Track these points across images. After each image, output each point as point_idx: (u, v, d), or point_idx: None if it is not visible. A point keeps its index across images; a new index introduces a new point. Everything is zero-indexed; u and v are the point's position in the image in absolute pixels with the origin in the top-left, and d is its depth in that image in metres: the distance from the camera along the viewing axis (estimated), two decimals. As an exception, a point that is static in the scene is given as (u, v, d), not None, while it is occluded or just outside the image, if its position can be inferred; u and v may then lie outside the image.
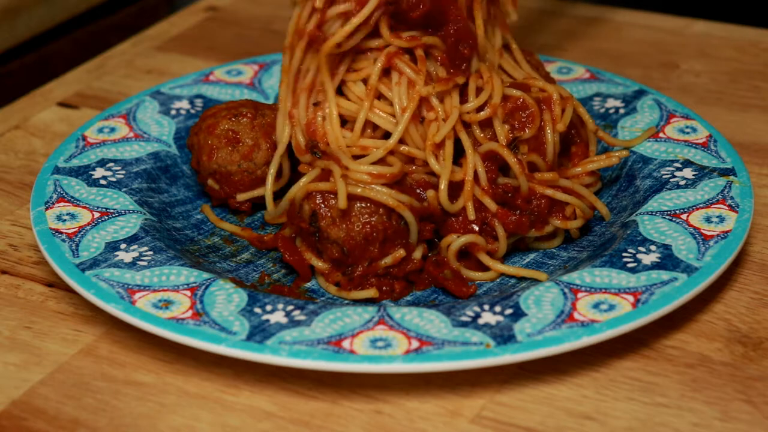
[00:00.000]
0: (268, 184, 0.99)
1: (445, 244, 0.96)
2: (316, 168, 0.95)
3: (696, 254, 0.90)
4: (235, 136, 1.02)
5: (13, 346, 0.90)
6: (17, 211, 1.07)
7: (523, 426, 0.81)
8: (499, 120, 0.98)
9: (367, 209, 0.93)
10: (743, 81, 1.28)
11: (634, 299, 0.86)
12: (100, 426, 0.82)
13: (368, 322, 0.85)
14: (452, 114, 0.96)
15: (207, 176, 1.04)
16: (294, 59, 0.98)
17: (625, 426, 0.81)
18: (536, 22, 1.44)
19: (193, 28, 1.45)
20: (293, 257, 0.95)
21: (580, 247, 0.99)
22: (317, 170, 0.94)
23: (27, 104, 1.26)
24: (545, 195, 0.97)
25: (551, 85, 1.00)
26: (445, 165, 0.95)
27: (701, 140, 1.06)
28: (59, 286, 0.96)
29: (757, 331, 0.89)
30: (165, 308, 0.86)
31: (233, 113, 1.03)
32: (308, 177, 0.94)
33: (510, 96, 0.99)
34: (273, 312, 0.86)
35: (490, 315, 0.86)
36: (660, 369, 0.86)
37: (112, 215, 0.98)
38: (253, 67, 1.23)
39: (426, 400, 0.83)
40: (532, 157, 0.98)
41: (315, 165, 0.95)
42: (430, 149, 0.95)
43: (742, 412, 0.82)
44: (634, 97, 1.14)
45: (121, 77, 1.32)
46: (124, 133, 1.10)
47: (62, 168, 1.04)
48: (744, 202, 0.96)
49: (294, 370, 0.85)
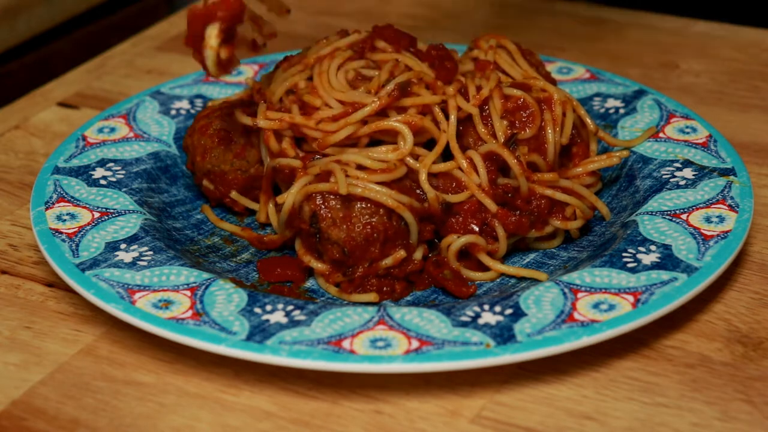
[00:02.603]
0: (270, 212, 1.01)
1: (446, 245, 0.96)
2: (309, 174, 0.94)
3: (696, 254, 0.90)
4: (227, 135, 1.03)
5: (13, 346, 0.90)
6: (17, 211, 1.07)
7: (523, 426, 0.81)
8: (497, 115, 0.98)
9: (367, 210, 0.93)
10: (743, 81, 1.28)
11: (634, 299, 0.86)
12: (100, 426, 0.82)
13: (368, 322, 0.85)
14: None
15: (202, 177, 1.04)
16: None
17: (625, 426, 0.81)
18: (536, 22, 1.44)
19: (193, 28, 1.45)
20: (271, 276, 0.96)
21: (580, 247, 0.99)
22: (309, 176, 0.94)
23: (27, 104, 1.26)
24: (545, 195, 0.97)
25: (552, 86, 1.01)
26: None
27: (701, 140, 1.06)
28: (59, 286, 0.96)
29: (757, 331, 0.89)
30: (165, 308, 0.86)
31: (225, 113, 1.04)
32: (300, 182, 0.94)
33: (510, 95, 0.99)
34: (273, 312, 0.86)
35: (490, 315, 0.86)
36: (660, 369, 0.86)
37: (112, 215, 0.98)
38: (253, 67, 1.23)
39: (426, 400, 0.83)
40: (533, 157, 0.98)
41: (308, 171, 0.95)
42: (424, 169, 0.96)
43: (742, 412, 0.82)
44: (634, 97, 1.14)
45: (121, 77, 1.32)
46: (124, 133, 1.10)
47: (62, 168, 1.04)
48: (744, 202, 0.96)
49: (294, 370, 0.85)
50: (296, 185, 0.94)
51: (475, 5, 1.49)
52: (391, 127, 0.96)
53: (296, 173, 0.96)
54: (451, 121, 0.97)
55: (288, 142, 0.99)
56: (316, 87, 0.99)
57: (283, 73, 1.03)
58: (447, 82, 1.00)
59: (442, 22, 1.45)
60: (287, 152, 0.99)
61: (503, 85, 1.00)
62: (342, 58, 1.01)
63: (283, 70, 1.04)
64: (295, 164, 0.97)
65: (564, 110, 1.00)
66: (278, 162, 0.98)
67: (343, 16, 1.48)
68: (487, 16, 1.46)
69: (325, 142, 0.97)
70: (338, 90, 0.98)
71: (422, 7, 1.49)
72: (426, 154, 0.97)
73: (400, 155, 0.95)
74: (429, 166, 0.96)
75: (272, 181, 1.01)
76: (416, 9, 1.49)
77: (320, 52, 1.03)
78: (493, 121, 0.98)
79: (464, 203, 0.96)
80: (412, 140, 0.96)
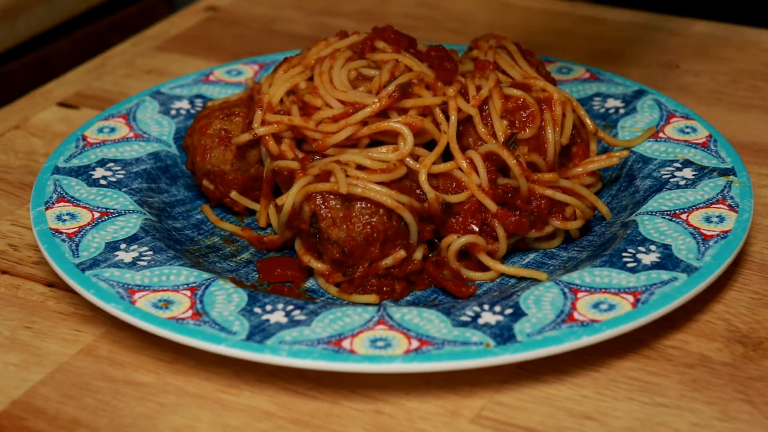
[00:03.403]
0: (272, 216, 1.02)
1: (446, 245, 0.96)
2: (308, 175, 0.94)
3: (696, 254, 0.90)
4: (227, 135, 1.03)
5: (13, 346, 0.90)
6: (17, 211, 1.06)
7: (523, 426, 0.81)
8: (497, 115, 0.98)
9: (367, 210, 0.93)
10: (743, 81, 1.28)
11: (634, 299, 0.86)
12: (100, 426, 0.82)
13: (368, 322, 0.85)
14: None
15: (202, 177, 1.04)
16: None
17: (625, 426, 0.81)
18: (536, 22, 1.44)
19: (193, 28, 1.45)
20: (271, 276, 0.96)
21: (580, 247, 0.99)
22: (309, 177, 0.94)
23: (27, 104, 1.26)
24: (545, 195, 0.97)
25: (552, 86, 1.01)
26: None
27: (701, 140, 1.06)
28: (59, 286, 0.96)
29: (757, 331, 0.89)
30: (165, 308, 0.86)
31: (225, 113, 1.04)
32: (300, 183, 0.94)
33: (511, 95, 0.99)
34: (273, 312, 0.86)
35: (490, 315, 0.86)
36: (660, 369, 0.86)
37: (112, 215, 0.98)
38: (253, 67, 1.23)
39: (426, 400, 0.83)
40: (533, 157, 0.98)
41: (307, 171, 0.95)
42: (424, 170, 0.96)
43: (742, 412, 0.82)
44: (634, 97, 1.14)
45: (121, 77, 1.32)
46: (124, 133, 1.10)
47: (62, 168, 1.04)
48: (744, 202, 0.96)
49: (294, 370, 0.85)
50: (296, 186, 0.94)
51: (475, 5, 1.49)
52: (391, 128, 0.96)
53: (295, 175, 0.96)
54: (452, 122, 0.97)
55: (287, 144, 0.99)
56: (317, 87, 0.99)
57: (284, 74, 1.03)
58: (447, 83, 1.00)
59: (443, 22, 1.45)
60: (286, 154, 0.99)
61: (503, 85, 1.00)
62: (343, 58, 1.01)
63: (284, 71, 1.04)
64: (294, 166, 0.97)
65: (564, 111, 1.00)
66: (277, 165, 0.98)
67: (343, 16, 1.48)
68: (487, 16, 1.46)
69: (325, 143, 0.97)
70: (340, 90, 0.99)
71: (422, 7, 1.49)
72: (426, 154, 0.97)
73: (400, 155, 0.95)
74: (429, 166, 0.96)
75: (272, 185, 1.01)
76: (416, 9, 1.49)
77: (320, 53, 1.03)
78: (492, 121, 0.98)
79: (464, 203, 0.96)
80: (412, 141, 0.96)
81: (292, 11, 1.50)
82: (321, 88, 0.99)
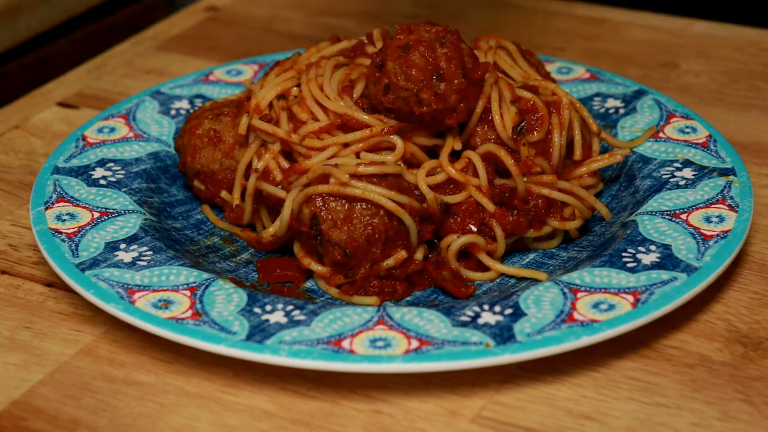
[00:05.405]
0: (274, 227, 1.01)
1: (445, 245, 0.96)
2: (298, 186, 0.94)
3: (696, 254, 0.90)
4: (216, 135, 1.03)
5: (13, 346, 0.90)
6: (17, 211, 1.07)
7: (522, 426, 0.81)
8: (507, 101, 0.97)
9: (368, 211, 0.93)
10: (743, 81, 1.28)
11: (634, 299, 0.86)
12: (100, 426, 0.82)
13: (368, 322, 0.85)
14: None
15: (193, 177, 1.04)
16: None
17: (625, 426, 0.81)
18: (536, 23, 1.44)
19: (193, 28, 1.45)
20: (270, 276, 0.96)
21: (579, 247, 0.99)
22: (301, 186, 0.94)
23: (27, 104, 1.26)
24: (542, 195, 0.97)
25: (561, 90, 1.00)
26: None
27: (701, 140, 1.06)
28: (59, 286, 0.96)
29: (757, 331, 0.89)
30: (165, 308, 0.87)
31: (215, 113, 1.04)
32: (294, 191, 0.94)
33: (521, 97, 0.98)
34: (273, 312, 0.86)
35: (490, 315, 0.86)
36: (660, 369, 0.86)
37: (112, 215, 0.98)
38: (253, 67, 1.23)
39: (426, 400, 0.83)
40: (538, 160, 0.98)
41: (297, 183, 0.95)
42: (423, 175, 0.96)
43: (742, 412, 0.82)
44: (634, 97, 1.14)
45: (121, 77, 1.32)
46: (124, 133, 1.10)
47: (62, 168, 1.04)
48: (744, 202, 0.96)
49: (294, 370, 0.85)
50: (290, 195, 0.94)
51: (474, 5, 1.49)
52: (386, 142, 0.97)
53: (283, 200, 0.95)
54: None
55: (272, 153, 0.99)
56: (305, 97, 0.99)
57: (275, 77, 1.03)
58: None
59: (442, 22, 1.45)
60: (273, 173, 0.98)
61: (515, 84, 1.00)
62: (330, 67, 1.01)
63: (275, 74, 1.04)
64: (280, 195, 0.96)
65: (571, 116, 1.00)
66: (263, 187, 0.97)
67: (343, 16, 1.48)
68: (487, 17, 1.46)
69: (309, 164, 0.96)
70: (328, 100, 0.98)
71: (422, 7, 1.49)
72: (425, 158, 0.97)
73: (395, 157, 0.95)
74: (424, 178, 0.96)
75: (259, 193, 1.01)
76: (416, 9, 1.49)
77: (310, 59, 1.03)
78: (502, 110, 0.97)
79: (462, 203, 0.96)
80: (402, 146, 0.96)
81: (292, 11, 1.50)
82: (308, 98, 0.99)
